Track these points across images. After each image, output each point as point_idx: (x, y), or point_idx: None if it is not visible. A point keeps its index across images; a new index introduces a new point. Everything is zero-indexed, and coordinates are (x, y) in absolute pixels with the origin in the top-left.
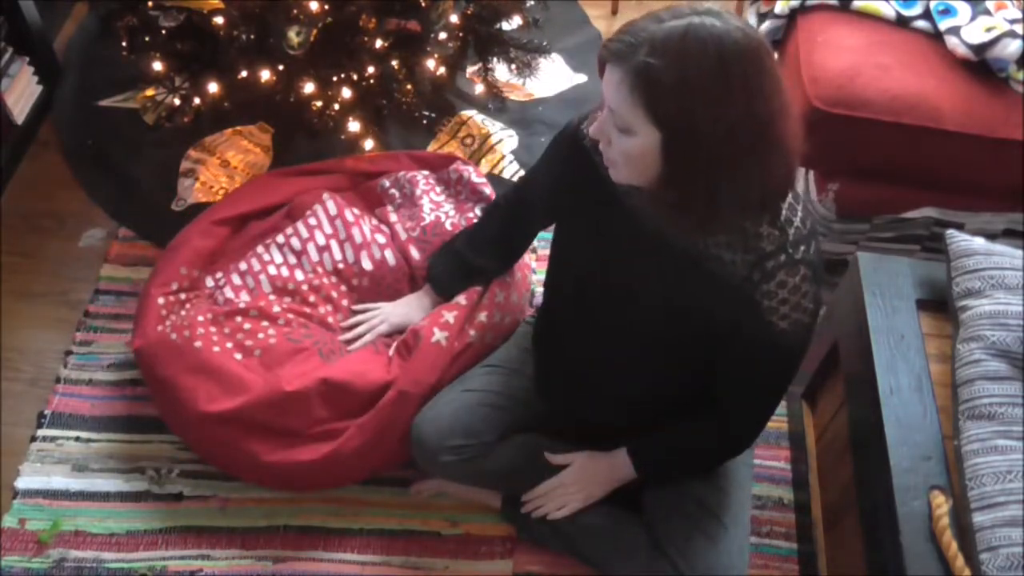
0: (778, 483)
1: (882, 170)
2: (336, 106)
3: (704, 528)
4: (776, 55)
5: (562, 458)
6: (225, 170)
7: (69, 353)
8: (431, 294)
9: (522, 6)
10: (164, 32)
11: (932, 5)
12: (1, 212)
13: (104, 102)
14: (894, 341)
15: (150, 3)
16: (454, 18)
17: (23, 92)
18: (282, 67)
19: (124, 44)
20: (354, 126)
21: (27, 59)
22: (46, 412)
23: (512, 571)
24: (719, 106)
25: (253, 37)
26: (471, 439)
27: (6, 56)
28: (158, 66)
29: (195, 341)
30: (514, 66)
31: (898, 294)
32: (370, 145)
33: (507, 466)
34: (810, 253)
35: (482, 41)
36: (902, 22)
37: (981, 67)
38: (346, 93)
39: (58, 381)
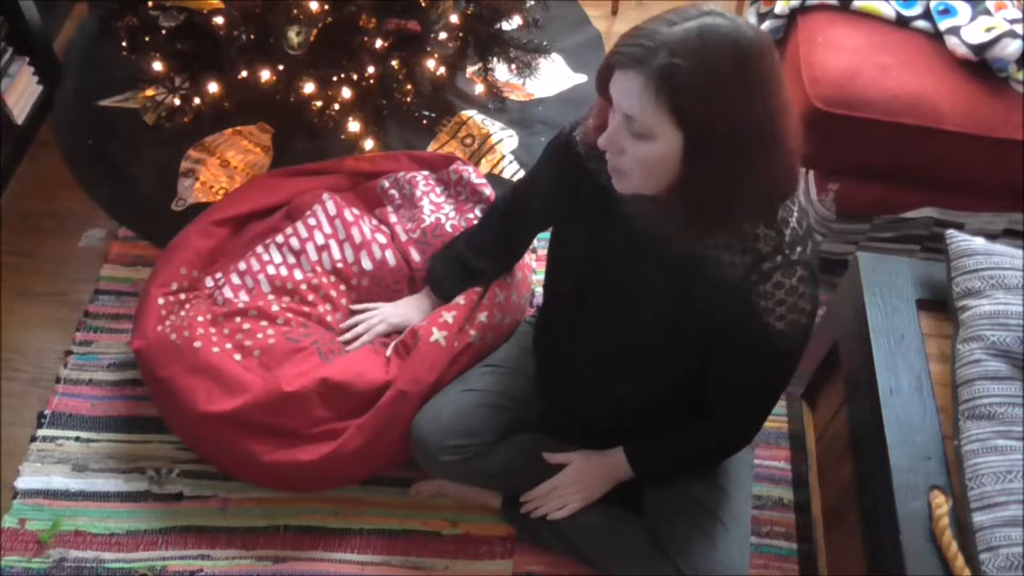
0: (778, 483)
1: (882, 170)
2: (336, 106)
3: (704, 528)
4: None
5: (559, 457)
6: (225, 170)
7: (69, 353)
8: (431, 296)
9: (522, 6)
10: (164, 32)
11: (932, 5)
12: (1, 212)
13: (104, 102)
14: (894, 341)
15: (150, 3)
16: (454, 18)
17: (23, 92)
18: (282, 67)
19: (124, 44)
20: (354, 126)
21: (27, 59)
22: (46, 412)
23: (512, 571)
24: (740, 104)
25: (253, 37)
26: (471, 439)
27: (6, 56)
28: (158, 66)
29: (194, 341)
30: (514, 66)
31: (898, 294)
32: (370, 145)
33: (507, 466)
34: (807, 254)
35: (482, 41)
36: (902, 22)
37: (981, 67)
38: (346, 93)
39: (58, 381)
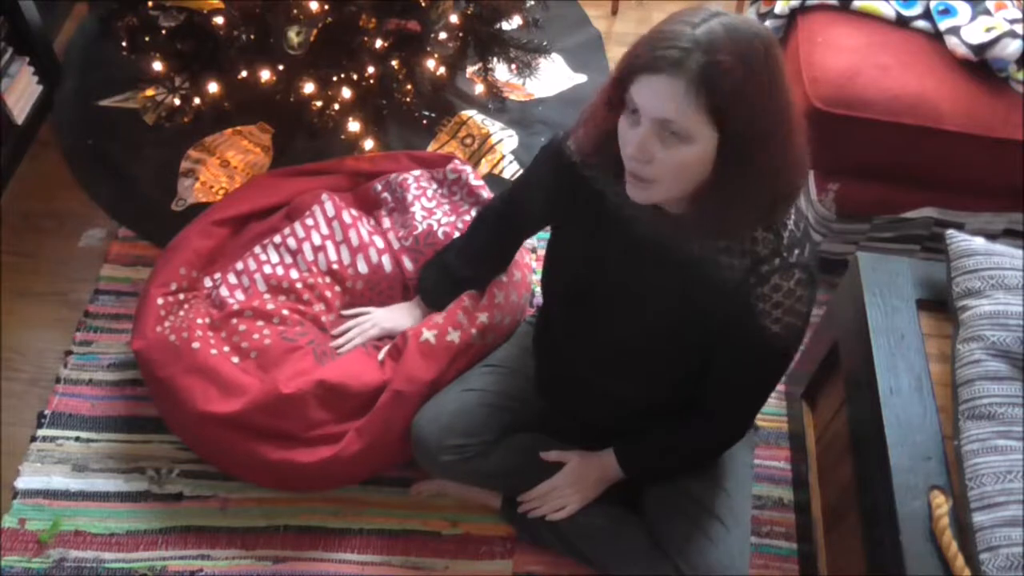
0: (778, 483)
1: (882, 170)
2: (336, 106)
3: (705, 528)
4: None
5: (556, 455)
6: (225, 170)
7: (69, 353)
8: (422, 305)
9: (522, 6)
10: (164, 32)
11: (932, 5)
12: (1, 212)
13: (104, 102)
14: (894, 341)
15: (150, 3)
16: (454, 18)
17: (23, 92)
18: (282, 67)
19: (124, 44)
20: (354, 126)
21: (27, 59)
22: (46, 412)
23: (512, 571)
24: (770, 97)
25: (253, 37)
26: (471, 439)
27: (6, 56)
28: (158, 66)
29: (193, 342)
30: (514, 66)
31: (898, 294)
32: (370, 145)
33: (507, 466)
34: (805, 256)
35: (482, 41)
36: (902, 22)
37: (981, 67)
38: (346, 93)
39: (58, 381)
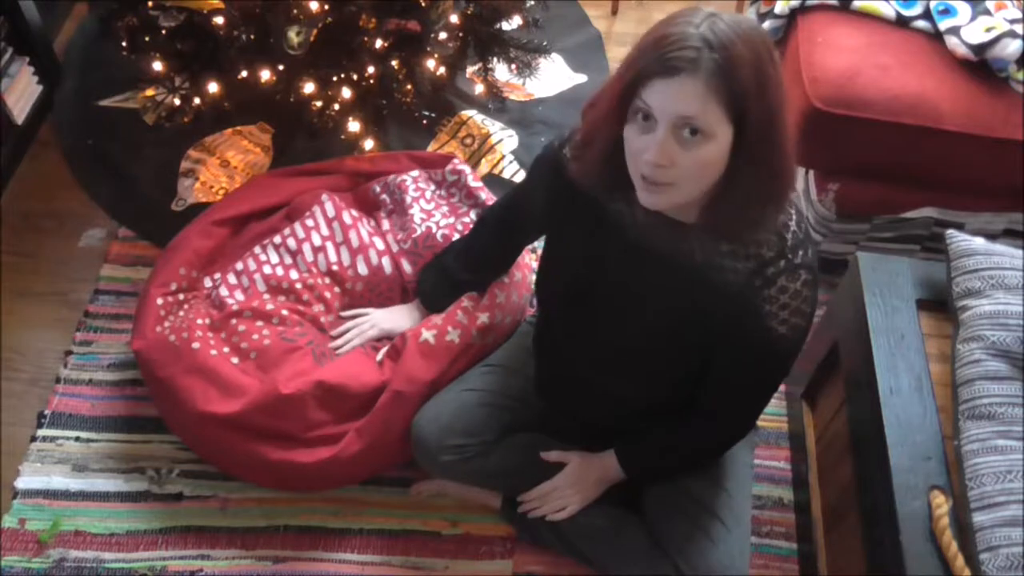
0: (778, 483)
1: (882, 170)
2: (336, 106)
3: (705, 528)
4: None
5: (556, 455)
6: (225, 170)
7: (69, 353)
8: (421, 308)
9: (522, 6)
10: (164, 32)
11: (932, 5)
12: (1, 212)
13: (104, 102)
14: (894, 341)
15: (150, 3)
16: (454, 18)
17: (23, 92)
18: (282, 67)
19: (124, 44)
20: (354, 126)
21: (27, 59)
22: (46, 412)
23: (512, 571)
24: (777, 86)
25: (253, 37)
26: (471, 439)
27: (6, 56)
28: (158, 66)
29: (193, 343)
30: (514, 66)
31: (898, 294)
32: (370, 145)
33: (507, 466)
34: (808, 256)
35: (482, 41)
36: (902, 22)
37: (981, 67)
38: (346, 93)
39: (58, 381)
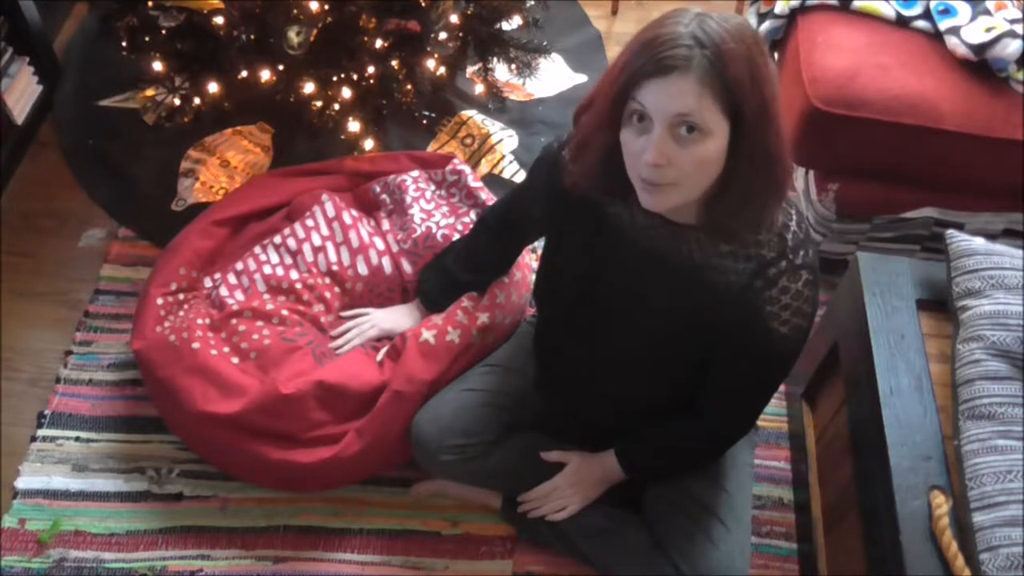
0: (778, 483)
1: (882, 170)
2: (336, 106)
3: (706, 529)
4: (776, 55)
5: (556, 455)
6: (225, 170)
7: (69, 353)
8: (421, 308)
9: (522, 6)
10: (164, 32)
11: (932, 5)
12: (1, 212)
13: (104, 102)
14: (894, 341)
15: (150, 3)
16: (454, 18)
17: (23, 92)
18: (282, 67)
19: (124, 44)
20: (354, 126)
21: (27, 59)
22: (46, 412)
23: (512, 571)
24: (769, 80)
25: (253, 37)
26: (471, 438)
27: (6, 56)
28: (158, 66)
29: (193, 343)
30: (514, 66)
31: (898, 294)
32: (370, 145)
33: (507, 466)
34: (809, 257)
35: (482, 41)
36: (902, 22)
37: (981, 67)
38: (346, 93)
39: (58, 381)
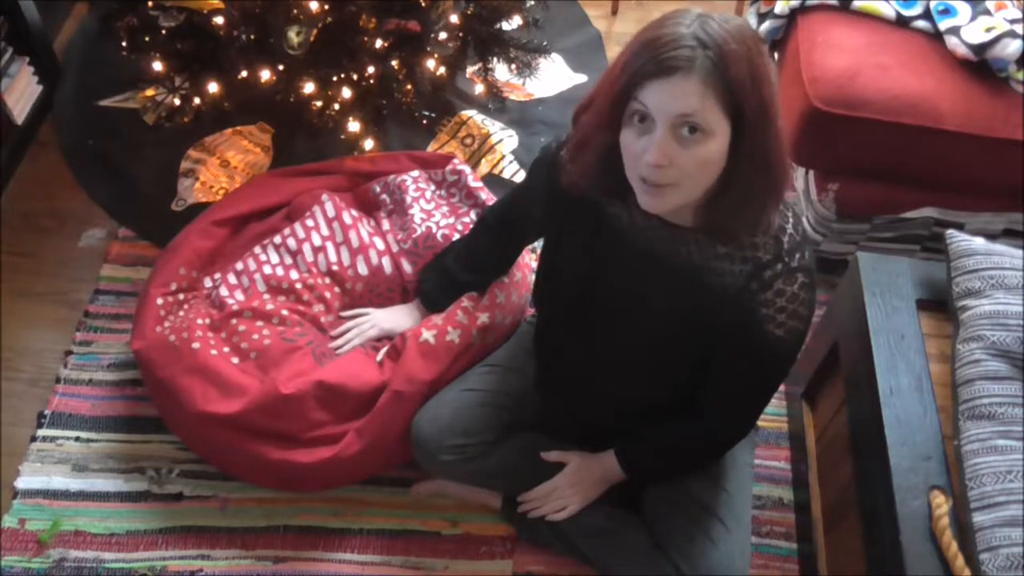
0: (778, 483)
1: (882, 170)
2: (336, 106)
3: (706, 529)
4: (776, 55)
5: (556, 455)
6: (225, 170)
7: (69, 353)
8: (421, 308)
9: (522, 6)
10: (164, 32)
11: (932, 5)
12: (1, 212)
13: (104, 102)
14: (894, 341)
15: (150, 3)
16: (454, 18)
17: (23, 92)
18: (282, 67)
19: (124, 44)
20: (354, 126)
21: (27, 59)
22: (46, 412)
23: (512, 571)
24: (769, 81)
25: (253, 37)
26: (471, 438)
27: (6, 56)
28: (158, 66)
29: (193, 343)
30: (514, 66)
31: (898, 294)
32: (370, 145)
33: (507, 466)
34: (805, 259)
35: (482, 41)
36: (902, 22)
37: (981, 67)
38: (346, 93)
39: (58, 381)
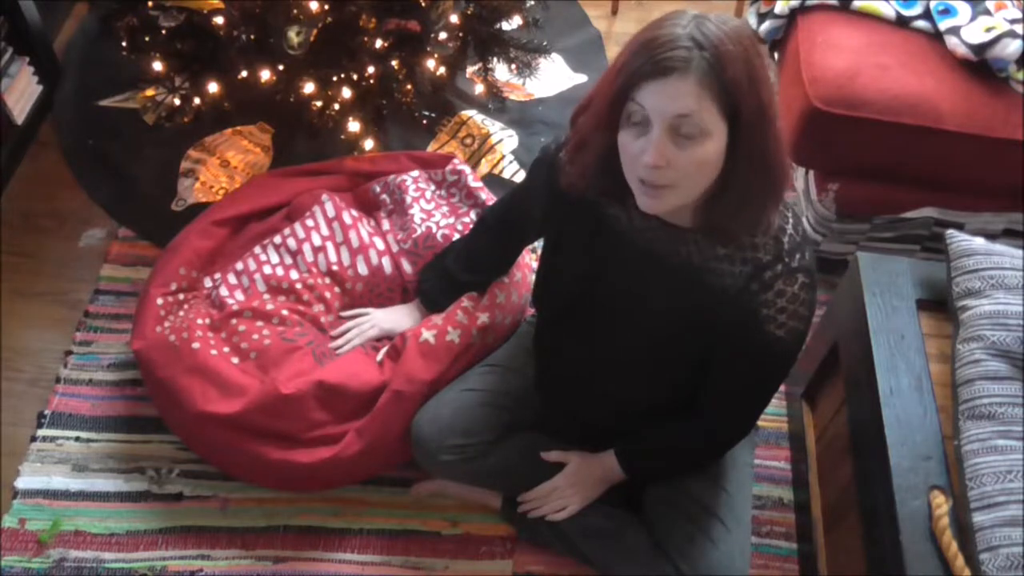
0: (778, 483)
1: (882, 170)
2: (336, 106)
3: (706, 529)
4: (776, 55)
5: (557, 455)
6: (225, 170)
7: (69, 353)
8: (421, 308)
9: (522, 6)
10: (164, 32)
11: (932, 5)
12: (1, 212)
13: (104, 102)
14: (894, 341)
15: (150, 3)
16: (454, 18)
17: (23, 92)
18: (282, 67)
19: (124, 44)
20: (354, 126)
21: (27, 59)
22: (46, 412)
23: (512, 571)
24: (766, 81)
25: (253, 37)
26: (471, 438)
27: (6, 56)
28: (158, 66)
29: (193, 343)
30: (514, 66)
31: (898, 294)
32: (370, 145)
33: (507, 465)
34: (806, 260)
35: (482, 41)
36: (902, 22)
37: (981, 67)
38: (346, 93)
39: (58, 381)
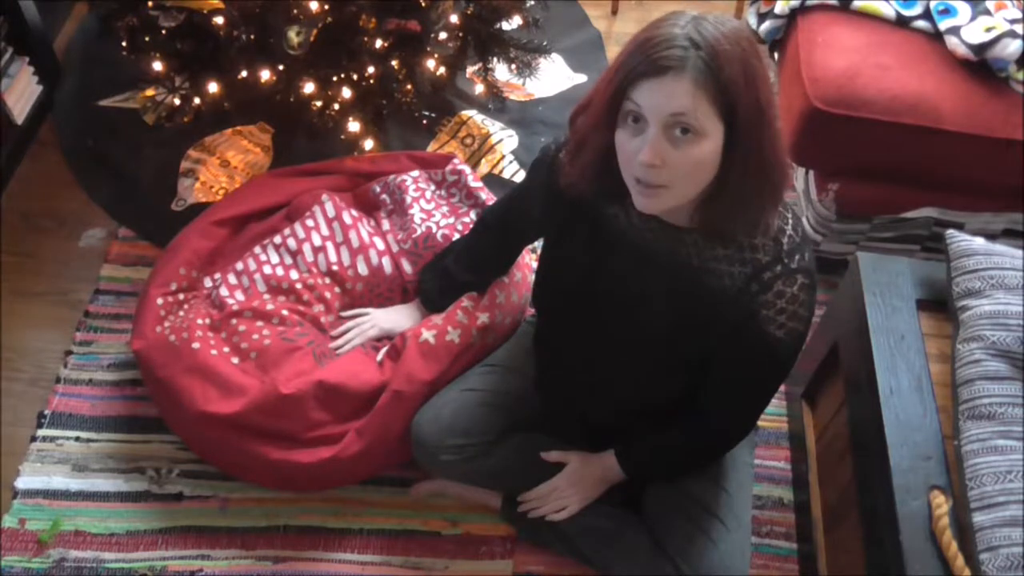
0: (778, 483)
1: (882, 170)
2: (336, 106)
3: (706, 529)
4: (776, 55)
5: (557, 455)
6: (225, 170)
7: (69, 353)
8: (421, 308)
9: (522, 6)
10: (164, 32)
11: (932, 5)
12: (1, 212)
13: (104, 102)
14: (894, 341)
15: (150, 3)
16: (454, 18)
17: (23, 92)
18: (282, 67)
19: (124, 44)
20: (354, 126)
21: (27, 59)
22: (46, 412)
23: (512, 571)
24: (764, 81)
25: (253, 37)
26: (471, 438)
27: (6, 56)
28: (158, 66)
29: (193, 343)
30: (514, 66)
31: (898, 294)
32: (370, 145)
33: (507, 466)
34: (805, 261)
35: (482, 41)
36: (902, 22)
37: (981, 67)
38: (346, 93)
39: (58, 381)
